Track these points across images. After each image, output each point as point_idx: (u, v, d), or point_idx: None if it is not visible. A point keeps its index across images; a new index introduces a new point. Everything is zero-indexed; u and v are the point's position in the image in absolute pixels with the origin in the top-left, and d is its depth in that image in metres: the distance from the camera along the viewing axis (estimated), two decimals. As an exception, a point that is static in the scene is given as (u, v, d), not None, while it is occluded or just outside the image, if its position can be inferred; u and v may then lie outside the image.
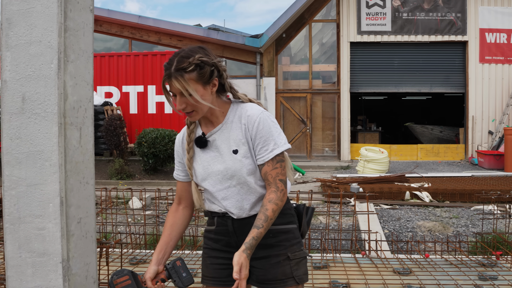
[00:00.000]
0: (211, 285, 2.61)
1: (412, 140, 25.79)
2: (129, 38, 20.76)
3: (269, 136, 2.38)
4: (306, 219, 2.62)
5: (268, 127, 2.39)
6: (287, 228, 2.51)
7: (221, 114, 2.48)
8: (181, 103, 2.35)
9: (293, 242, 2.51)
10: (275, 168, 2.39)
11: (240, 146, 2.42)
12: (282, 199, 2.37)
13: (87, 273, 2.30)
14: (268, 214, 2.32)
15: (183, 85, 2.29)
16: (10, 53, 2.10)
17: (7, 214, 2.14)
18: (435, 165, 18.43)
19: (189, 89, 2.29)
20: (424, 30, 19.83)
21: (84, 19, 2.24)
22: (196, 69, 2.30)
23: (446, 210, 9.61)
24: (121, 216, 8.98)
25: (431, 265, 5.44)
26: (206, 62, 2.33)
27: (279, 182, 2.39)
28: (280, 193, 2.37)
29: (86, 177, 2.26)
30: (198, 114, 2.40)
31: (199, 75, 2.32)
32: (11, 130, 2.11)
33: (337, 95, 20.18)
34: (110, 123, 15.49)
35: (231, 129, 2.45)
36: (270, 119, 2.42)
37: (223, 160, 2.45)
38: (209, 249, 2.63)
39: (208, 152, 2.50)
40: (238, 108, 2.47)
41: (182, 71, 2.29)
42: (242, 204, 2.47)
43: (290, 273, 2.47)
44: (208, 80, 2.35)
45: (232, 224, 2.52)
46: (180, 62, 2.30)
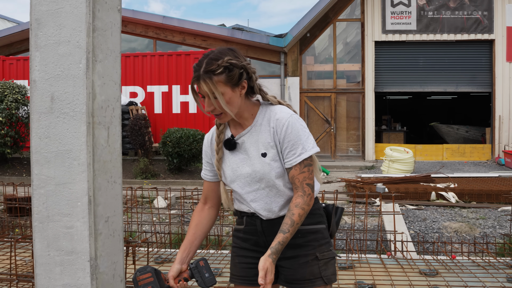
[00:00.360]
0: (239, 283, 2.60)
1: (438, 140, 25.53)
2: (153, 38, 20.88)
3: (297, 140, 2.36)
4: (335, 219, 2.61)
5: (297, 131, 2.37)
6: (315, 228, 2.50)
7: (250, 117, 2.47)
8: (209, 105, 2.34)
9: (322, 242, 2.50)
10: (303, 172, 2.37)
11: (268, 149, 2.41)
12: (308, 203, 2.35)
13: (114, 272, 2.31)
14: (294, 219, 2.31)
15: (211, 88, 2.28)
16: (39, 53, 2.12)
17: (36, 213, 2.16)
18: (461, 165, 18.23)
19: (216, 92, 2.28)
20: (449, 29, 19.62)
21: (112, 19, 2.25)
22: (225, 72, 2.29)
23: (473, 211, 9.50)
24: (146, 215, 9.03)
25: (458, 267, 5.37)
26: (235, 65, 2.32)
27: (306, 186, 2.37)
28: (307, 198, 2.35)
29: (113, 176, 2.27)
30: (227, 116, 2.38)
31: (228, 78, 2.30)
32: (40, 130, 2.13)
33: (361, 95, 20.06)
34: (135, 123, 15.58)
35: (260, 132, 2.44)
36: (299, 123, 2.39)
37: (252, 163, 2.44)
38: (238, 248, 2.63)
39: (237, 155, 2.49)
40: (267, 111, 2.46)
41: (210, 74, 2.27)
42: (270, 207, 2.47)
43: (318, 273, 2.45)
44: (237, 82, 2.34)
45: (261, 224, 2.52)
46: (209, 64, 2.28)
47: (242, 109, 2.43)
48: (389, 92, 21.97)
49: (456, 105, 30.67)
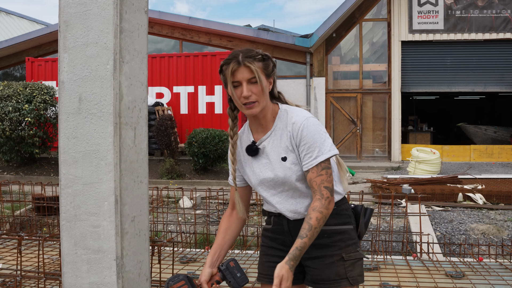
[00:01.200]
0: (265, 282, 2.63)
1: (465, 140, 25.24)
2: (179, 39, 20.99)
3: (313, 143, 2.37)
4: (363, 220, 2.59)
5: (312, 134, 2.38)
6: (342, 229, 2.50)
7: (271, 119, 2.49)
8: (248, 90, 2.35)
9: (348, 243, 2.49)
10: (320, 175, 2.37)
11: (288, 153, 2.43)
12: (327, 207, 2.34)
13: (140, 271, 2.34)
14: (312, 223, 2.31)
15: (255, 69, 2.33)
16: (68, 54, 2.15)
17: (63, 212, 2.19)
18: (488, 166, 18.00)
19: (257, 75, 2.33)
20: (478, 28, 19.38)
21: (139, 21, 2.27)
22: (262, 60, 2.37)
23: (501, 212, 9.38)
24: (172, 215, 9.09)
25: (485, 269, 5.31)
26: (270, 57, 2.42)
27: (324, 189, 2.36)
28: (325, 201, 2.34)
29: (140, 176, 2.30)
30: (260, 106, 2.40)
31: (265, 66, 2.38)
32: (68, 130, 2.16)
33: (388, 95, 19.93)
34: (161, 123, 15.68)
35: (280, 136, 2.45)
36: (315, 126, 2.40)
37: (273, 167, 2.47)
38: (266, 247, 2.67)
39: (259, 159, 2.52)
40: (285, 115, 2.47)
41: (251, 58, 2.34)
42: (295, 208, 2.49)
43: (344, 273, 2.45)
44: (270, 73, 2.42)
45: (287, 224, 2.54)
46: (248, 52, 2.36)
47: (267, 108, 2.46)
48: (415, 92, 21.79)
49: (484, 105, 30.29)
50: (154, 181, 14.15)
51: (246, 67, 2.33)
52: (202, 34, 20.53)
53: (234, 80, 2.36)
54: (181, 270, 5.25)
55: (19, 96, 14.94)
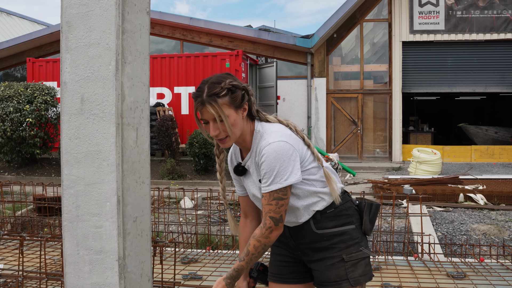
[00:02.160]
0: (273, 281, 2.69)
1: (466, 141, 25.23)
2: (180, 39, 21.00)
3: (269, 170, 2.32)
4: (368, 216, 2.57)
5: (271, 161, 2.32)
6: (341, 230, 2.50)
7: (251, 140, 2.47)
8: (215, 129, 2.34)
9: (349, 244, 2.49)
10: (269, 204, 2.35)
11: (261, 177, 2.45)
12: (267, 236, 2.36)
13: (142, 271, 2.34)
14: (250, 249, 2.38)
15: (217, 110, 2.29)
16: (70, 55, 2.16)
17: (65, 212, 2.19)
18: (489, 166, 18.00)
19: (222, 115, 2.29)
20: (478, 29, 19.37)
21: (141, 21, 2.27)
22: (228, 94, 2.31)
23: (502, 213, 9.37)
24: (173, 216, 9.09)
25: (486, 270, 5.31)
26: (237, 86, 2.34)
27: (268, 218, 2.35)
28: (266, 230, 2.36)
29: (142, 177, 2.30)
30: (231, 140, 2.39)
31: (232, 99, 2.32)
32: (70, 130, 2.17)
33: (388, 96, 19.92)
34: (162, 124, 15.69)
35: (255, 158, 2.45)
36: (277, 152, 2.32)
37: (257, 187, 2.49)
38: (274, 246, 2.72)
39: (248, 177, 2.54)
40: (258, 137, 2.44)
41: (215, 96, 2.28)
42: (289, 218, 2.53)
43: (344, 275, 2.45)
44: (240, 104, 2.36)
45: (288, 230, 2.59)
46: (212, 88, 2.30)
47: (245, 132, 2.44)
48: (416, 93, 21.77)
49: (485, 105, 30.27)
50: (155, 182, 14.16)
51: (210, 106, 2.29)
52: (203, 35, 20.54)
53: (202, 118, 2.37)
54: (183, 271, 5.25)
55: (20, 97, 14.96)
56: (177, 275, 5.01)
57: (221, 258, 5.81)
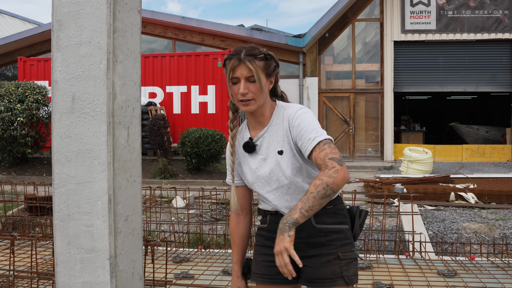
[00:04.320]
0: (260, 282, 2.62)
1: (457, 140, 25.35)
2: (172, 39, 20.97)
3: (309, 127, 2.36)
4: (359, 221, 2.59)
5: (307, 120, 2.39)
6: (338, 228, 2.50)
7: (269, 116, 2.53)
8: (245, 88, 2.40)
9: (345, 242, 2.49)
10: (323, 149, 2.27)
11: (284, 147, 2.44)
12: (331, 175, 2.19)
13: (134, 270, 2.34)
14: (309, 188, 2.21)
15: (255, 68, 2.38)
16: (61, 54, 2.15)
17: (56, 211, 2.19)
18: (480, 166, 18.08)
19: (257, 74, 2.38)
20: (470, 28, 19.46)
21: (132, 20, 2.27)
22: (264, 59, 2.43)
23: (492, 211, 9.42)
24: (165, 215, 9.08)
25: (477, 268, 5.34)
26: (273, 57, 2.49)
27: (328, 160, 2.23)
28: (329, 170, 2.20)
29: (133, 176, 2.30)
30: (256, 104, 2.44)
31: (266, 65, 2.43)
32: (61, 129, 2.16)
33: (380, 95, 19.98)
34: (154, 123, 15.67)
35: (276, 130, 2.48)
36: (309, 114, 2.43)
37: (270, 161, 2.48)
38: (261, 246, 2.65)
39: (256, 156, 2.54)
40: (281, 110, 2.51)
41: (253, 57, 2.39)
42: (291, 204, 2.49)
43: (339, 272, 2.44)
44: (271, 73, 2.47)
45: None
46: (251, 49, 2.41)
47: (265, 105, 2.51)
48: (408, 92, 21.87)
49: (476, 105, 30.41)
50: (147, 181, 14.14)
51: (245, 65, 2.38)
52: (195, 34, 20.52)
53: (233, 76, 2.41)
54: (175, 270, 5.25)
55: (11, 96, 14.90)
56: (169, 274, 5.02)
57: (213, 257, 5.81)
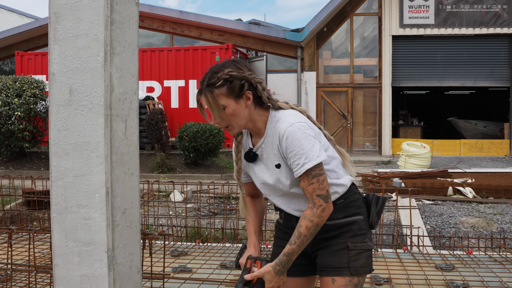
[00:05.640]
0: None
1: (455, 135, 25.36)
2: (170, 33, 20.93)
3: (298, 150, 2.30)
4: (376, 209, 2.56)
5: (297, 141, 2.31)
6: (351, 220, 2.48)
7: (263, 126, 2.47)
8: (215, 118, 2.39)
9: (357, 233, 2.47)
10: (311, 183, 2.32)
11: (280, 160, 2.41)
12: (320, 215, 2.32)
13: (131, 263, 2.33)
14: (302, 231, 2.32)
15: (210, 101, 2.34)
16: (58, 46, 2.14)
17: (54, 204, 2.18)
18: (478, 160, 18.10)
19: (214, 106, 2.34)
20: (468, 23, 19.44)
21: (130, 12, 2.26)
22: (225, 84, 2.33)
23: (490, 206, 9.43)
24: (163, 209, 9.08)
25: (475, 262, 5.35)
26: (235, 77, 2.34)
27: (316, 198, 2.32)
28: (317, 209, 2.31)
29: (131, 168, 2.29)
30: (235, 128, 2.42)
31: (229, 90, 2.34)
32: (59, 122, 2.15)
33: (378, 89, 19.97)
34: (152, 117, 15.66)
35: (271, 143, 2.43)
36: (301, 132, 2.32)
37: (270, 173, 2.47)
38: (279, 238, 2.68)
39: (258, 164, 2.53)
40: (274, 120, 2.43)
41: (211, 87, 2.33)
42: (299, 207, 2.49)
43: (346, 262, 2.43)
44: (239, 94, 2.36)
45: (296, 221, 2.52)
46: (211, 78, 2.34)
47: (254, 119, 2.45)
48: (406, 87, 21.85)
49: (474, 100, 30.41)
50: (145, 175, 14.13)
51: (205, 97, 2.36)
52: (193, 28, 20.48)
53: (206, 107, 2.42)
54: (172, 263, 5.25)
55: (9, 90, 14.87)
56: (167, 267, 5.02)
57: (211, 251, 5.81)
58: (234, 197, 9.78)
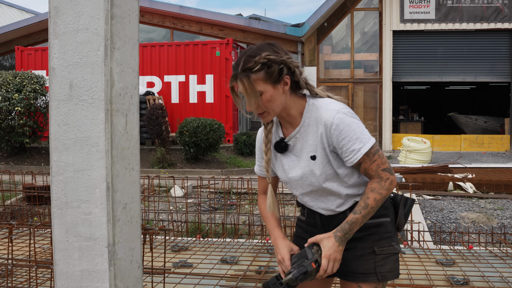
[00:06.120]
0: None
1: (455, 130, 25.33)
2: (170, 28, 20.89)
3: (352, 136, 2.22)
4: (403, 211, 2.43)
5: (349, 127, 2.22)
6: (378, 222, 2.36)
7: (298, 115, 2.34)
8: (250, 104, 2.24)
9: (383, 236, 2.36)
10: (374, 161, 2.25)
11: (318, 151, 2.29)
12: (388, 187, 2.23)
13: (132, 258, 2.33)
14: (369, 202, 2.22)
15: (247, 86, 2.20)
16: (58, 40, 2.13)
17: (54, 199, 2.18)
18: (479, 156, 18.09)
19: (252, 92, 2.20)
20: (469, 18, 19.40)
21: (130, 6, 2.25)
22: (263, 69, 2.19)
23: (491, 201, 9.43)
24: (163, 204, 9.08)
25: (475, 257, 5.34)
26: (273, 60, 2.20)
27: (382, 172, 2.24)
28: (385, 183, 2.23)
29: (131, 163, 2.29)
30: (270, 115, 2.28)
31: (267, 74, 2.20)
32: (59, 117, 2.15)
33: (379, 85, 19.95)
34: (152, 113, 15.64)
35: (309, 133, 2.31)
36: (349, 117, 2.24)
37: (302, 165, 2.34)
38: (298, 237, 2.55)
39: (289, 156, 2.39)
40: (313, 109, 2.31)
41: (248, 72, 2.18)
42: (327, 206, 2.38)
43: (373, 268, 2.32)
44: (277, 79, 2.22)
45: (320, 218, 2.43)
46: (247, 62, 2.19)
47: (288, 107, 2.31)
48: (406, 82, 21.84)
49: (475, 95, 30.38)
50: (145, 171, 14.13)
51: (241, 82, 2.21)
52: (193, 23, 20.45)
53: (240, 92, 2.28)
54: (173, 259, 5.25)
55: (9, 86, 14.85)
56: (167, 262, 5.02)
57: (211, 246, 5.81)
58: (234, 192, 9.78)
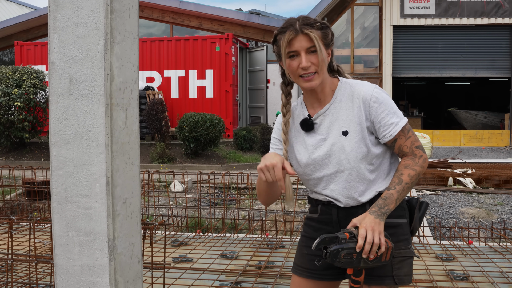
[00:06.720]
0: (304, 276, 2.40)
1: (455, 125, 25.34)
2: (170, 23, 20.85)
3: (390, 110, 2.22)
4: (418, 214, 2.34)
5: (387, 100, 2.23)
6: (395, 222, 2.27)
7: (330, 92, 2.31)
8: (307, 60, 2.17)
9: (400, 238, 2.27)
10: (409, 137, 2.23)
11: (351, 127, 2.24)
12: (422, 165, 2.20)
13: (132, 253, 2.33)
14: (403, 179, 2.17)
15: (314, 37, 2.16)
16: (58, 35, 2.12)
17: (54, 194, 2.18)
18: (478, 151, 18.10)
19: (317, 43, 2.16)
20: (469, 13, 19.38)
21: (130, 1, 2.24)
22: (321, 28, 2.20)
23: (490, 197, 9.44)
24: (163, 199, 9.08)
25: (475, 252, 5.35)
26: (328, 25, 2.25)
27: (416, 149, 2.22)
28: (419, 160, 2.21)
29: (131, 158, 2.28)
30: (319, 77, 2.22)
31: (324, 35, 2.21)
32: (59, 111, 2.14)
33: (379, 80, 19.93)
34: (152, 107, 15.63)
35: (341, 108, 2.27)
36: (384, 93, 2.26)
37: (331, 143, 2.26)
38: (308, 237, 2.42)
39: (314, 136, 2.32)
40: (347, 86, 2.30)
41: (310, 26, 2.17)
42: (349, 192, 2.27)
43: (390, 271, 2.24)
44: (329, 43, 2.24)
45: (337, 213, 2.32)
46: (306, 19, 2.19)
47: (325, 81, 2.29)
48: (406, 77, 21.83)
49: (475, 90, 30.36)
50: (145, 166, 14.14)
51: (304, 35, 2.16)
52: (193, 18, 20.41)
53: (291, 50, 2.21)
54: (173, 253, 5.26)
55: (8, 81, 14.84)
56: (167, 257, 5.02)
57: (211, 241, 5.82)
58: (234, 187, 9.79)
